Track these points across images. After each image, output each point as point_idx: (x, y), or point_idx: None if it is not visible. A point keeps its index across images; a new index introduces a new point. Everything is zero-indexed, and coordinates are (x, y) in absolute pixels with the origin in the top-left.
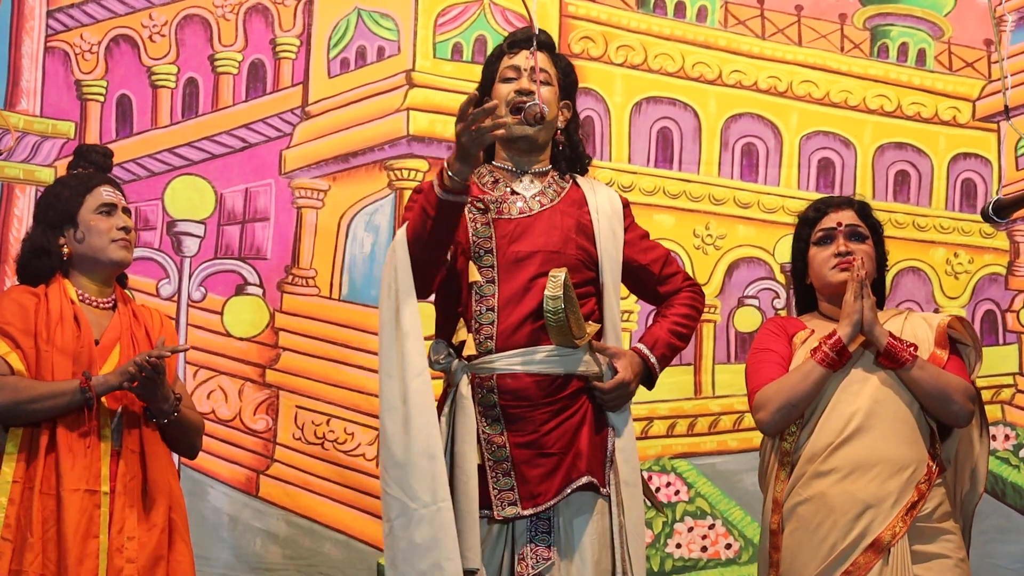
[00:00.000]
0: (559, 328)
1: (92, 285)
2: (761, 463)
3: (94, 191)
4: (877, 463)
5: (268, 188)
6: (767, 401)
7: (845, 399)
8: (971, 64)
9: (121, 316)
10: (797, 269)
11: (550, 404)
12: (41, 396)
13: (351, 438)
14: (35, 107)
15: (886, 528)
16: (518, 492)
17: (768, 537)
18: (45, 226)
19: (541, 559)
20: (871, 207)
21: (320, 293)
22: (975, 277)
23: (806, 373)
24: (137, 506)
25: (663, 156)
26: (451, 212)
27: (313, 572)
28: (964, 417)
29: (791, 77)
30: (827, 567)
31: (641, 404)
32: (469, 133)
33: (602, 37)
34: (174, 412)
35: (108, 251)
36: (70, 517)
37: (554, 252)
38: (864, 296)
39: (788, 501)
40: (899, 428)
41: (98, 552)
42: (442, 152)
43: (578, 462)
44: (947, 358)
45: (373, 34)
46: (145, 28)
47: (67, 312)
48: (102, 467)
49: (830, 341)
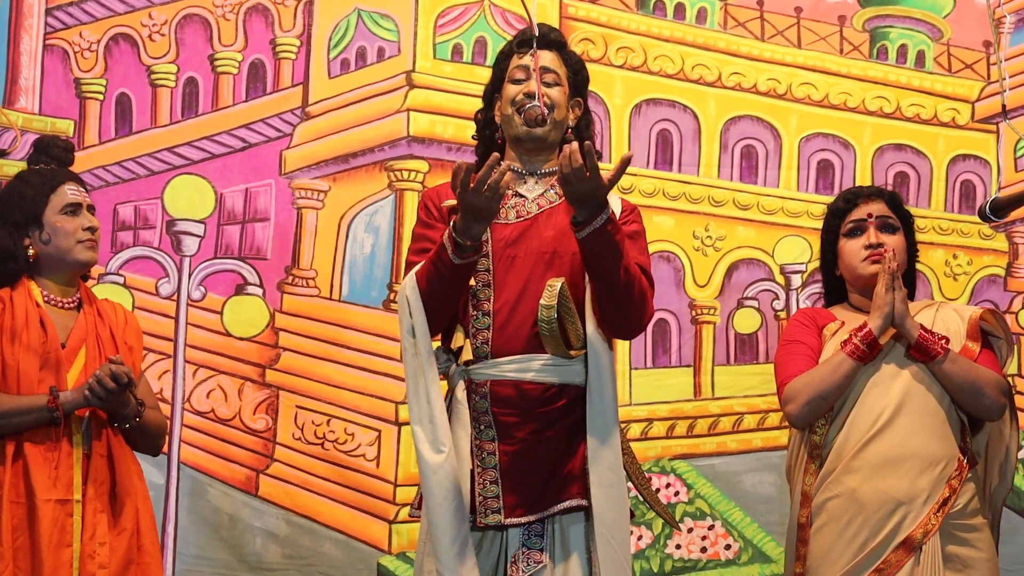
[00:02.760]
0: (553, 338)
1: (56, 286)
2: (789, 456)
3: (58, 190)
4: (908, 458)
5: (268, 188)
6: (796, 394)
7: (876, 393)
8: (970, 66)
9: (86, 316)
10: (826, 260)
11: (543, 414)
12: (8, 412)
13: (351, 438)
14: (33, 105)
15: (918, 525)
16: (503, 501)
17: (796, 530)
18: (10, 227)
19: (533, 562)
20: (901, 198)
21: (320, 294)
22: (974, 278)
23: (836, 365)
24: (107, 511)
25: (663, 158)
26: (468, 270)
27: (313, 572)
28: (996, 410)
29: (790, 79)
30: (857, 565)
31: (641, 406)
32: (484, 195)
33: (602, 39)
34: (136, 418)
35: (74, 252)
36: (44, 528)
37: (548, 252)
38: (896, 288)
39: (818, 496)
40: (930, 422)
41: (71, 561)
42: (442, 153)
43: (569, 480)
44: (979, 351)
45: (373, 35)
46: (145, 27)
47: (33, 316)
48: (74, 475)
49: (861, 333)
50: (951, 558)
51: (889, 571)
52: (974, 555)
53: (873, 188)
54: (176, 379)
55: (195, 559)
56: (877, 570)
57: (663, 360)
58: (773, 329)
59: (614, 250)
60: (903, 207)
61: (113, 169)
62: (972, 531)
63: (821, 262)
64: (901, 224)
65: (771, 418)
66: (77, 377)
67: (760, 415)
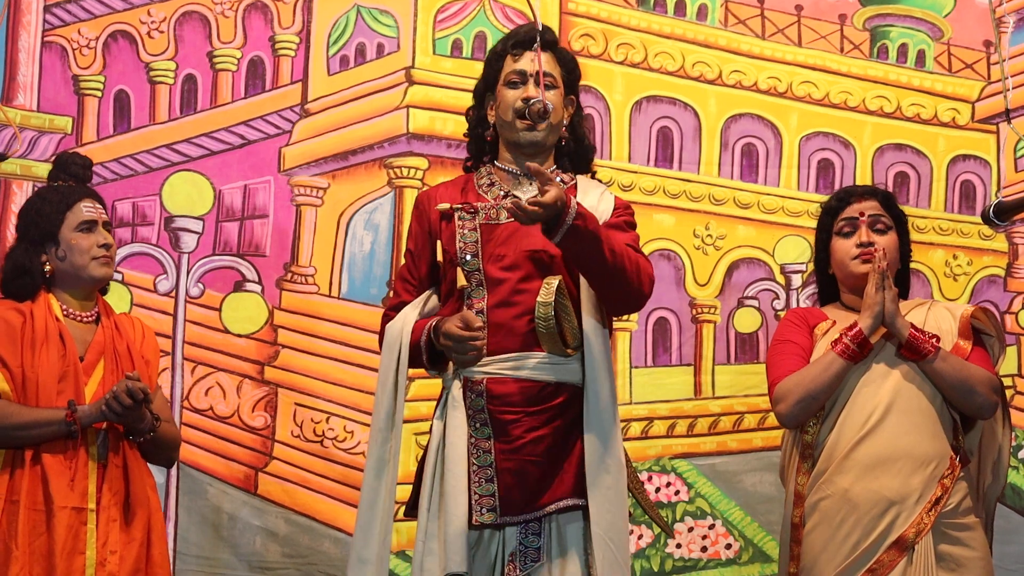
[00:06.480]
0: (549, 335)
1: (75, 300)
2: (783, 456)
3: (74, 207)
4: (900, 458)
5: (267, 185)
6: (787, 393)
7: (866, 392)
8: (970, 65)
9: (105, 330)
10: (820, 259)
11: (538, 412)
12: (27, 424)
13: (350, 436)
14: (32, 102)
15: (910, 525)
16: (498, 499)
17: (790, 530)
18: (27, 244)
19: (530, 561)
20: (895, 197)
21: (319, 291)
22: (974, 279)
23: (826, 365)
24: (119, 520)
25: (663, 155)
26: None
27: (312, 570)
28: (988, 409)
29: (791, 77)
30: (850, 565)
31: (641, 404)
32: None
33: (602, 35)
34: (150, 432)
35: (89, 269)
36: (59, 534)
37: (536, 251)
38: (886, 287)
39: (811, 496)
40: (921, 421)
41: (84, 568)
42: (442, 150)
43: (565, 480)
44: (971, 349)
45: (372, 31)
46: (143, 24)
47: (52, 329)
48: (89, 484)
49: (851, 333)
50: (944, 557)
51: (882, 571)
52: (967, 554)
53: (867, 187)
54: (174, 376)
55: (194, 558)
56: (870, 570)
57: (663, 359)
58: (773, 328)
59: (593, 239)
60: (897, 207)
61: (111, 166)
62: (965, 530)
63: (815, 261)
64: (894, 224)
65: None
66: (95, 390)
67: (760, 414)
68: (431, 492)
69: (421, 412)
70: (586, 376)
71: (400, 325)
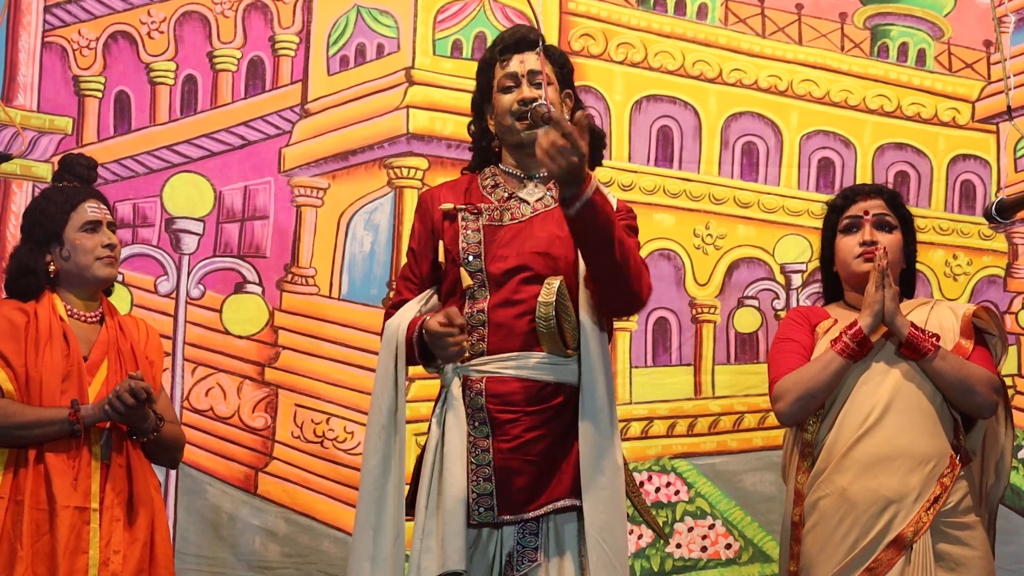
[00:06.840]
0: (550, 335)
1: (79, 300)
2: (784, 454)
3: (79, 208)
4: (899, 456)
5: (267, 186)
6: (786, 391)
7: (866, 391)
8: (971, 65)
9: (108, 330)
10: (825, 257)
11: (537, 412)
12: (30, 423)
13: (351, 436)
14: (32, 102)
15: (908, 523)
16: (496, 498)
17: (790, 529)
18: (32, 244)
19: (528, 561)
20: (902, 197)
21: (319, 292)
22: (974, 279)
23: (826, 363)
24: (123, 520)
25: (663, 155)
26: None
27: (312, 570)
28: (988, 408)
29: (791, 76)
30: (848, 563)
31: (641, 404)
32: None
33: (602, 34)
34: (154, 432)
35: (93, 269)
36: (62, 534)
37: (538, 253)
38: (886, 286)
39: (810, 495)
40: (920, 420)
41: (87, 568)
42: (442, 150)
43: (562, 480)
44: (972, 348)
45: (372, 31)
46: (143, 25)
47: (56, 329)
48: (92, 484)
49: (851, 331)
50: (943, 556)
51: (880, 570)
52: (966, 553)
53: (873, 186)
54: (175, 377)
55: (194, 557)
56: (868, 569)
57: (663, 359)
58: (773, 328)
59: (606, 222)
60: (903, 206)
61: (112, 167)
62: (964, 529)
63: (820, 259)
64: (899, 223)
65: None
66: (99, 390)
67: (760, 414)
68: (429, 490)
69: (421, 412)
70: (582, 377)
71: (397, 322)
